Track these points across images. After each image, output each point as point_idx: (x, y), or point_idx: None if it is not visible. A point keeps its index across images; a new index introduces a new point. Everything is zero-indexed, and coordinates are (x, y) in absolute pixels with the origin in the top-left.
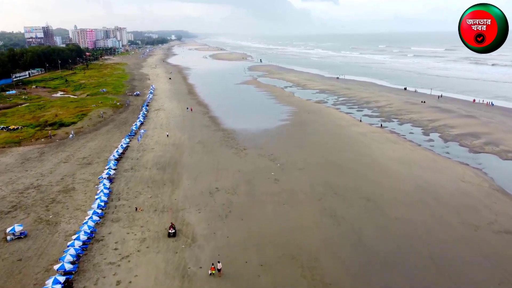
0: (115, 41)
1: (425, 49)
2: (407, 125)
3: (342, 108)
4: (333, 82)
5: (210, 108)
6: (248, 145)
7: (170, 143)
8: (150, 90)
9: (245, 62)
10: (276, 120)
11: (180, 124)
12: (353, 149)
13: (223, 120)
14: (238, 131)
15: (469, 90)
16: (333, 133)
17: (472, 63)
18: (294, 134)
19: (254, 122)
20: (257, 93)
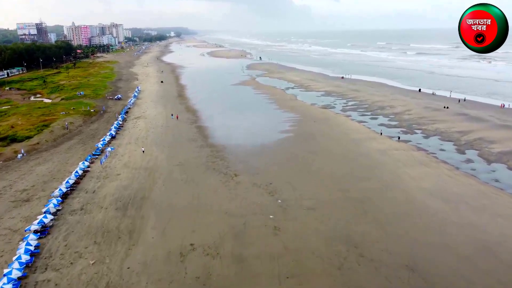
0: (111, 38)
1: (429, 46)
2: (434, 138)
3: (353, 115)
4: (339, 82)
5: (199, 116)
6: (241, 168)
7: (142, 166)
8: (134, 93)
9: (244, 60)
10: (276, 132)
11: (161, 138)
12: (376, 176)
13: (213, 132)
14: (229, 148)
15: (491, 92)
16: (347, 150)
17: (480, 60)
18: (299, 152)
19: (250, 135)
20: (255, 96)
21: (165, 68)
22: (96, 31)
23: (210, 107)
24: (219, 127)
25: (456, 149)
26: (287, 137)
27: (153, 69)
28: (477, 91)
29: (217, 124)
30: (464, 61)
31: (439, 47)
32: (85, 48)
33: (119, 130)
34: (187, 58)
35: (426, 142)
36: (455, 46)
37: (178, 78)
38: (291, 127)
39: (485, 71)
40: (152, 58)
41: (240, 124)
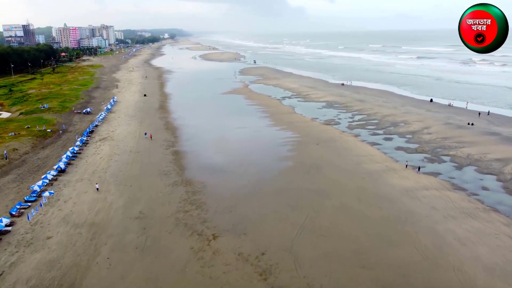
0: (101, 40)
1: (431, 48)
2: (469, 170)
3: (362, 134)
4: (340, 90)
5: (179, 135)
6: (223, 223)
7: (87, 220)
8: (107, 105)
9: (237, 64)
10: (271, 161)
11: (125, 170)
12: (410, 239)
13: (192, 160)
14: (211, 186)
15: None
16: (364, 191)
17: (484, 64)
18: (301, 194)
19: (238, 166)
20: (247, 109)
21: (152, 73)
22: (86, 33)
23: (193, 124)
24: (201, 153)
25: (504, 187)
26: (285, 168)
27: (138, 75)
28: (496, 101)
29: (199, 149)
30: (469, 65)
31: (439, 50)
32: (72, 50)
33: (73, 159)
34: (178, 61)
35: (461, 176)
36: (455, 49)
37: (163, 86)
38: (290, 153)
39: (494, 76)
40: (141, 62)
41: (227, 148)
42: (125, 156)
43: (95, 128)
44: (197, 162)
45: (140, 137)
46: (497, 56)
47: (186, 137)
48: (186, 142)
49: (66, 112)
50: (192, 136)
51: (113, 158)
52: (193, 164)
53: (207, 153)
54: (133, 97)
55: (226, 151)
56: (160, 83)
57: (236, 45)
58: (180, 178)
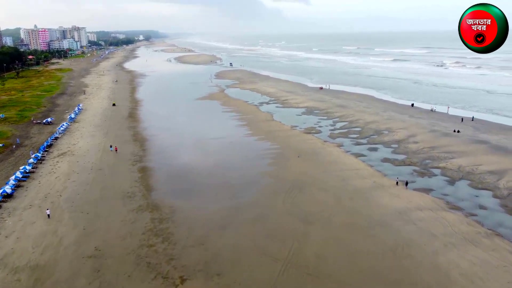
0: (72, 42)
1: (404, 50)
2: (462, 184)
3: (345, 143)
4: (319, 95)
5: (148, 148)
6: (192, 261)
7: (30, 262)
8: (70, 115)
9: (213, 67)
10: (248, 178)
11: (83, 192)
12: (409, 274)
13: (160, 179)
14: (180, 212)
15: (493, 108)
16: (353, 214)
17: (458, 66)
18: (283, 220)
19: (210, 185)
20: (223, 116)
21: (123, 78)
22: (56, 34)
23: (165, 134)
24: (172, 170)
25: (502, 205)
26: (265, 187)
27: (109, 79)
28: (477, 105)
29: (170, 164)
30: (444, 68)
31: (412, 52)
32: (39, 53)
33: (25, 179)
34: (152, 64)
35: (455, 192)
36: (428, 51)
37: (134, 91)
38: (269, 168)
39: (471, 79)
40: (113, 65)
41: (200, 164)
42: (85, 175)
43: (55, 141)
44: (166, 181)
45: (104, 150)
46: (469, 59)
47: (155, 150)
48: (155, 156)
49: (24, 122)
50: (163, 149)
51: (71, 178)
52: (162, 183)
53: (178, 170)
54: (101, 104)
55: (199, 167)
56: (131, 88)
57: (212, 47)
58: (146, 202)
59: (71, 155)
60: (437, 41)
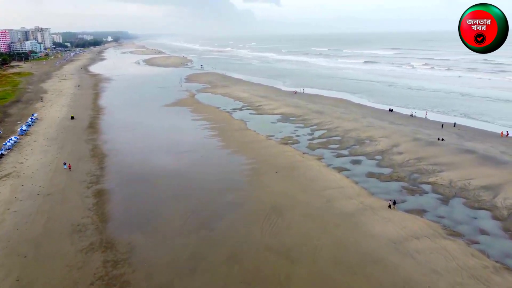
0: (35, 43)
1: (375, 52)
2: (457, 203)
3: (326, 155)
4: (294, 99)
5: (107, 165)
6: None
7: None
8: (22, 127)
9: (184, 69)
10: (220, 203)
11: (23, 227)
12: None
13: (118, 206)
14: (139, 250)
15: (472, 111)
16: (341, 246)
17: (428, 68)
18: (260, 258)
19: (176, 212)
20: (193, 125)
21: (87, 82)
22: (18, 36)
23: (127, 149)
24: (131, 192)
25: (504, 229)
26: (239, 214)
27: (71, 84)
28: (455, 110)
29: (130, 185)
30: (415, 69)
31: (383, 53)
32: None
33: None
34: (119, 67)
35: (450, 214)
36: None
37: (97, 97)
38: (244, 187)
39: (445, 82)
40: (77, 68)
41: (166, 184)
42: (29, 203)
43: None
44: (125, 207)
45: (57, 169)
46: (436, 60)
47: (115, 168)
48: (114, 176)
49: None
50: (124, 166)
51: (11, 207)
52: (120, 211)
53: (140, 192)
54: (58, 113)
55: (165, 189)
56: (94, 93)
57: (183, 48)
58: (99, 237)
59: (16, 177)
60: (405, 42)
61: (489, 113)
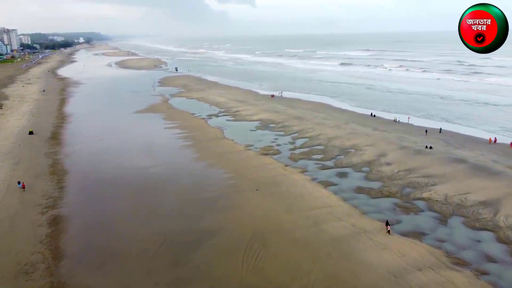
0: (1, 45)
1: (350, 53)
2: (456, 223)
3: (310, 167)
4: (273, 104)
5: (66, 185)
6: None
7: None
8: None
9: (157, 72)
10: (196, 229)
11: None
12: None
13: (75, 237)
14: None
15: (455, 116)
16: (335, 281)
17: (403, 70)
18: None
19: (145, 243)
20: (165, 134)
21: (54, 86)
22: None
23: (91, 163)
24: (93, 219)
25: None
26: (218, 241)
27: (36, 88)
28: (436, 114)
29: (91, 210)
30: (392, 71)
31: (357, 54)
32: None
33: None
34: (90, 70)
35: (451, 236)
36: (370, 54)
37: (64, 103)
38: (223, 209)
39: (422, 84)
40: (44, 71)
41: (133, 207)
42: None
43: None
44: (84, 239)
45: (9, 189)
46: (409, 61)
47: (76, 188)
48: (74, 198)
49: None
50: (86, 185)
51: None
52: (78, 244)
53: (104, 219)
54: (18, 122)
55: (133, 214)
56: (61, 99)
57: (157, 50)
58: (49, 282)
59: None
60: (378, 43)
61: (471, 117)
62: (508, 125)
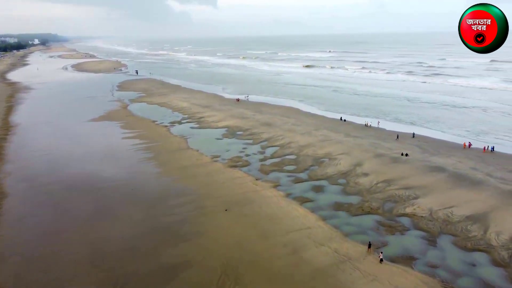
0: None
1: (312, 54)
2: (446, 244)
3: (282, 180)
4: (240, 109)
5: (3, 211)
6: None
7: None
8: None
9: (116, 75)
10: (154, 266)
11: None
12: None
13: (5, 285)
14: None
15: (425, 119)
16: None
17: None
18: None
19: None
20: (123, 145)
21: (2, 92)
22: None
23: (36, 183)
24: (29, 259)
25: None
26: (182, 282)
27: None
28: (405, 118)
29: (31, 247)
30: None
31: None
32: None
33: None
34: (43, 73)
35: (443, 260)
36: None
37: (10, 111)
38: (186, 237)
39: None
40: None
41: (81, 241)
42: None
43: None
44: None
45: None
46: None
47: (14, 215)
48: (12, 233)
49: None
50: (27, 212)
51: None
52: None
53: (46, 259)
54: None
55: (79, 250)
56: (7, 107)
57: (117, 51)
58: None
59: None
60: (339, 45)
61: (442, 120)
62: (478, 128)
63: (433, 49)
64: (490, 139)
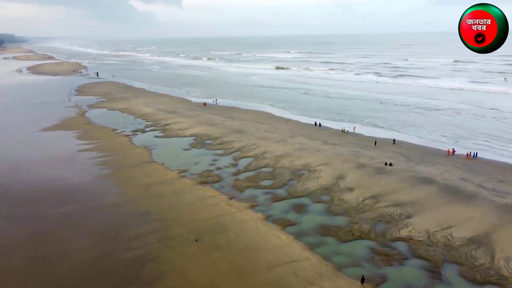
0: None
1: (277, 55)
2: (453, 277)
3: (259, 199)
4: (208, 114)
5: None
6: None
7: None
8: None
9: (76, 78)
10: None
11: None
12: None
13: None
14: None
15: (401, 123)
16: None
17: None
18: None
19: None
20: (78, 159)
21: None
22: None
23: None
24: None
25: None
26: None
27: None
28: (382, 121)
29: None
30: (326, 74)
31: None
32: None
33: None
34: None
35: None
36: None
37: None
38: (148, 281)
39: (359, 87)
40: None
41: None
42: None
43: None
44: None
45: None
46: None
47: None
48: None
49: None
50: None
51: None
52: None
53: None
54: None
55: None
56: None
57: (77, 52)
58: None
59: None
60: (303, 46)
61: (418, 124)
62: (456, 132)
63: (395, 50)
64: (470, 145)
